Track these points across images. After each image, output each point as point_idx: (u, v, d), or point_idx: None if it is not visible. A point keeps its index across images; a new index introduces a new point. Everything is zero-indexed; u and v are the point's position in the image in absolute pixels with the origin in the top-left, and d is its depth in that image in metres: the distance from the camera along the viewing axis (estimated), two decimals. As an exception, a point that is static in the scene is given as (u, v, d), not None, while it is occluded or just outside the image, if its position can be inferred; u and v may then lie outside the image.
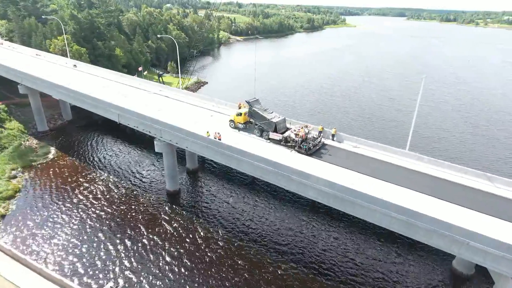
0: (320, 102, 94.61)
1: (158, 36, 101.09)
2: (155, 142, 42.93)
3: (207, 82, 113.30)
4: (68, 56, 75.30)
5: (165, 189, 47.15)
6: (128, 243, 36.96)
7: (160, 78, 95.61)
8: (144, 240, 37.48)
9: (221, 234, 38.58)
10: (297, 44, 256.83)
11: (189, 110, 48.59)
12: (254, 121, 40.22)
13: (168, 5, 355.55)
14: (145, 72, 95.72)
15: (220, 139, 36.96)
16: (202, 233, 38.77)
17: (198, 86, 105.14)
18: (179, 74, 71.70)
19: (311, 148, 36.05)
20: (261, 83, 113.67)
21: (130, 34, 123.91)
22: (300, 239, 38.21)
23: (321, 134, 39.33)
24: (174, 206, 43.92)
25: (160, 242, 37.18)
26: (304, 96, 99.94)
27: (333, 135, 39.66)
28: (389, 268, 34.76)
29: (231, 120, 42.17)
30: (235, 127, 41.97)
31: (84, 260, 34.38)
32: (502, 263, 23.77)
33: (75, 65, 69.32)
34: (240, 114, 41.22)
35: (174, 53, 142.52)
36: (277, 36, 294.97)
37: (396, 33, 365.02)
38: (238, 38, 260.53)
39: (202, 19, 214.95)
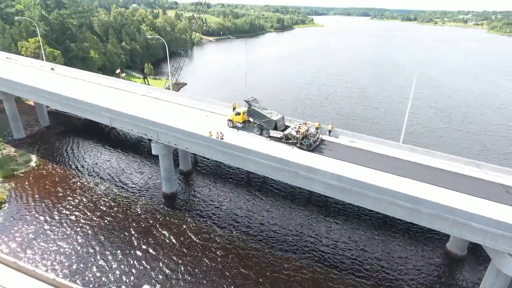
0: (299, 101, 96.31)
1: (148, 36, 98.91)
2: (152, 145, 42.31)
3: (186, 83, 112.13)
4: (44, 58, 71.78)
5: (161, 192, 46.57)
6: (129, 250, 36.01)
7: (146, 80, 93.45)
8: (146, 245, 36.71)
9: (223, 236, 38.52)
10: (269, 44, 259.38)
11: (183, 111, 48.22)
12: (253, 120, 40.79)
13: (134, 5, 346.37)
14: (123, 74, 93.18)
15: (222, 139, 37.21)
16: (204, 235, 38.64)
17: (177, 87, 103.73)
18: (169, 75, 70.85)
19: (312, 144, 37.25)
20: (239, 84, 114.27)
21: (102, 36, 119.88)
22: (301, 237, 38.82)
23: (318, 131, 40.63)
24: (172, 209, 43.52)
25: (162, 247, 36.58)
26: (282, 96, 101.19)
27: (329, 131, 41.13)
28: (388, 254, 36.68)
29: (229, 120, 42.46)
30: (234, 127, 42.31)
31: (82, 273, 32.86)
32: (500, 240, 26.09)
33: (52, 68, 66.22)
34: (239, 114, 41.64)
35: (149, 55, 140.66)
36: (249, 36, 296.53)
37: (364, 32, 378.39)
38: (210, 38, 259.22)
39: (174, 20, 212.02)
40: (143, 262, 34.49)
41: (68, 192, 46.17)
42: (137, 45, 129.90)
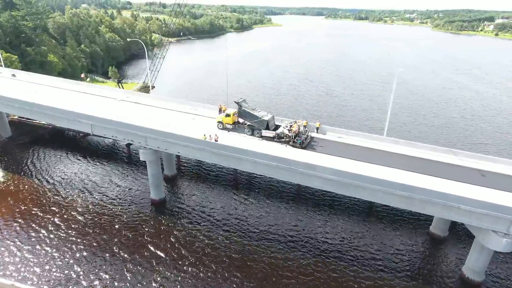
0: (269, 101, 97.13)
1: (128, 40, 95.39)
2: (140, 151, 41.00)
3: (154, 86, 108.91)
4: (2, 64, 66.23)
5: (148, 200, 45.19)
6: (121, 268, 33.86)
7: (120, 84, 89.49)
8: (139, 261, 34.80)
9: (219, 243, 37.53)
10: (231, 44, 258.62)
11: (167, 115, 47.21)
12: (244, 121, 41.16)
13: (84, 5, 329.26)
14: (88, 79, 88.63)
15: (217, 141, 37.22)
16: (199, 243, 37.51)
17: (146, 90, 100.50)
18: (149, 77, 68.79)
19: (304, 141, 38.49)
20: (207, 84, 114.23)
21: (59, 38, 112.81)
22: (297, 236, 39.00)
23: (307, 128, 42.00)
24: (163, 217, 42.25)
25: (157, 260, 34.89)
26: (252, 97, 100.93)
27: (317, 128, 42.73)
28: (377, 240, 39.01)
29: (219, 122, 42.44)
30: (224, 128, 42.37)
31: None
32: (484, 219, 29.05)
33: (13, 75, 61.33)
34: (229, 115, 41.80)
35: (110, 58, 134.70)
36: (210, 37, 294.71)
37: (321, 32, 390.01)
38: (171, 39, 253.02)
39: (132, 21, 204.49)
40: (138, 279, 32.65)
41: (43, 209, 42.35)
42: (97, 47, 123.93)
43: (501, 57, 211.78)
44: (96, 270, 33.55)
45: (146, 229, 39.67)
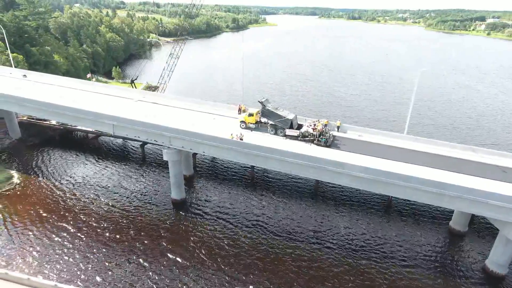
0: (275, 102, 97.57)
1: (151, 40, 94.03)
2: (164, 151, 41.21)
3: (157, 86, 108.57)
4: (13, 65, 65.52)
5: (169, 199, 45.38)
6: (145, 268, 33.86)
7: (133, 84, 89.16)
8: (165, 261, 34.85)
9: (243, 241, 37.94)
10: (228, 44, 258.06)
11: (187, 115, 47.38)
12: (267, 120, 41.64)
13: (77, 4, 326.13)
14: (93, 79, 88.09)
15: (242, 139, 37.65)
16: (224, 243, 37.72)
17: (151, 90, 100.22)
18: (164, 77, 68.58)
19: (328, 140, 39.13)
20: (209, 85, 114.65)
21: (60, 38, 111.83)
22: (322, 234, 39.72)
23: (328, 127, 42.65)
24: (185, 215, 42.60)
25: (183, 261, 34.86)
26: (257, 98, 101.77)
27: (338, 127, 43.41)
28: (400, 236, 39.92)
29: (242, 121, 42.86)
30: (247, 128, 42.79)
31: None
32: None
33: (24, 75, 60.75)
34: (252, 115, 42.27)
35: (110, 58, 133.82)
36: (206, 37, 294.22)
37: (317, 32, 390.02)
38: (168, 39, 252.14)
39: (130, 21, 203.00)
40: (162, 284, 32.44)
41: (58, 214, 41.68)
42: (98, 47, 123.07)
43: (499, 57, 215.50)
44: (121, 276, 33.08)
45: (169, 230, 39.77)
